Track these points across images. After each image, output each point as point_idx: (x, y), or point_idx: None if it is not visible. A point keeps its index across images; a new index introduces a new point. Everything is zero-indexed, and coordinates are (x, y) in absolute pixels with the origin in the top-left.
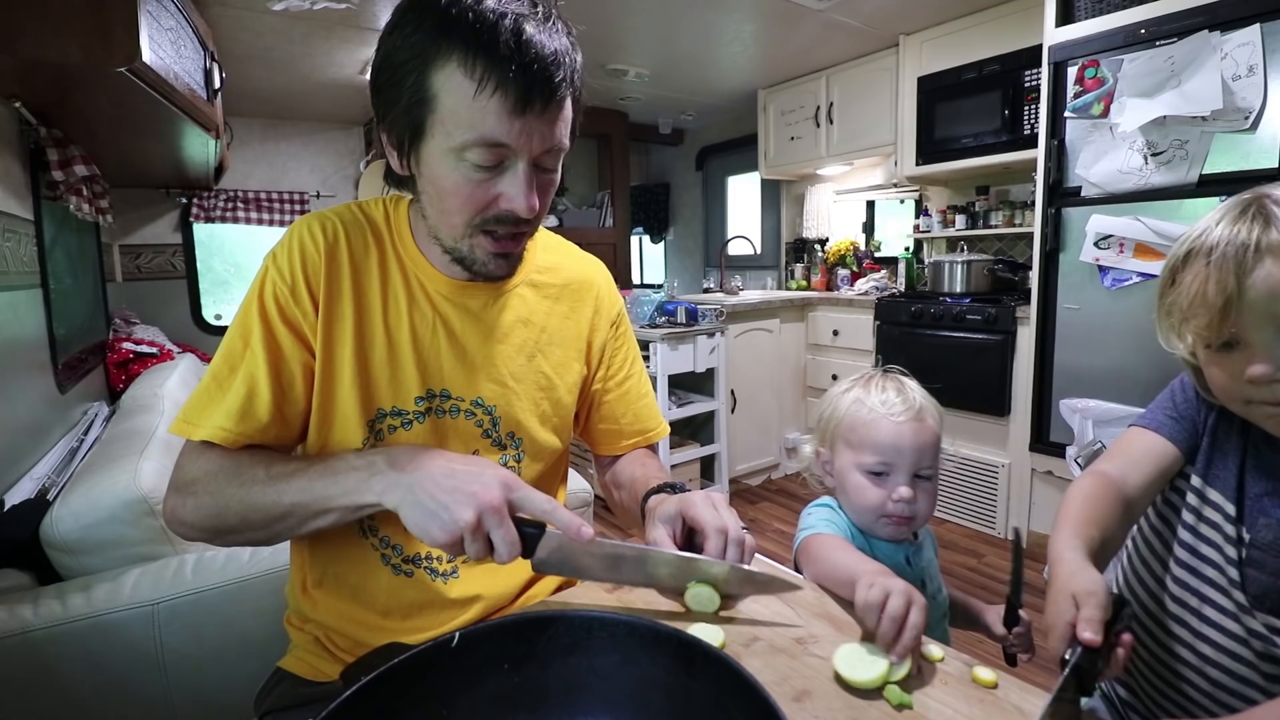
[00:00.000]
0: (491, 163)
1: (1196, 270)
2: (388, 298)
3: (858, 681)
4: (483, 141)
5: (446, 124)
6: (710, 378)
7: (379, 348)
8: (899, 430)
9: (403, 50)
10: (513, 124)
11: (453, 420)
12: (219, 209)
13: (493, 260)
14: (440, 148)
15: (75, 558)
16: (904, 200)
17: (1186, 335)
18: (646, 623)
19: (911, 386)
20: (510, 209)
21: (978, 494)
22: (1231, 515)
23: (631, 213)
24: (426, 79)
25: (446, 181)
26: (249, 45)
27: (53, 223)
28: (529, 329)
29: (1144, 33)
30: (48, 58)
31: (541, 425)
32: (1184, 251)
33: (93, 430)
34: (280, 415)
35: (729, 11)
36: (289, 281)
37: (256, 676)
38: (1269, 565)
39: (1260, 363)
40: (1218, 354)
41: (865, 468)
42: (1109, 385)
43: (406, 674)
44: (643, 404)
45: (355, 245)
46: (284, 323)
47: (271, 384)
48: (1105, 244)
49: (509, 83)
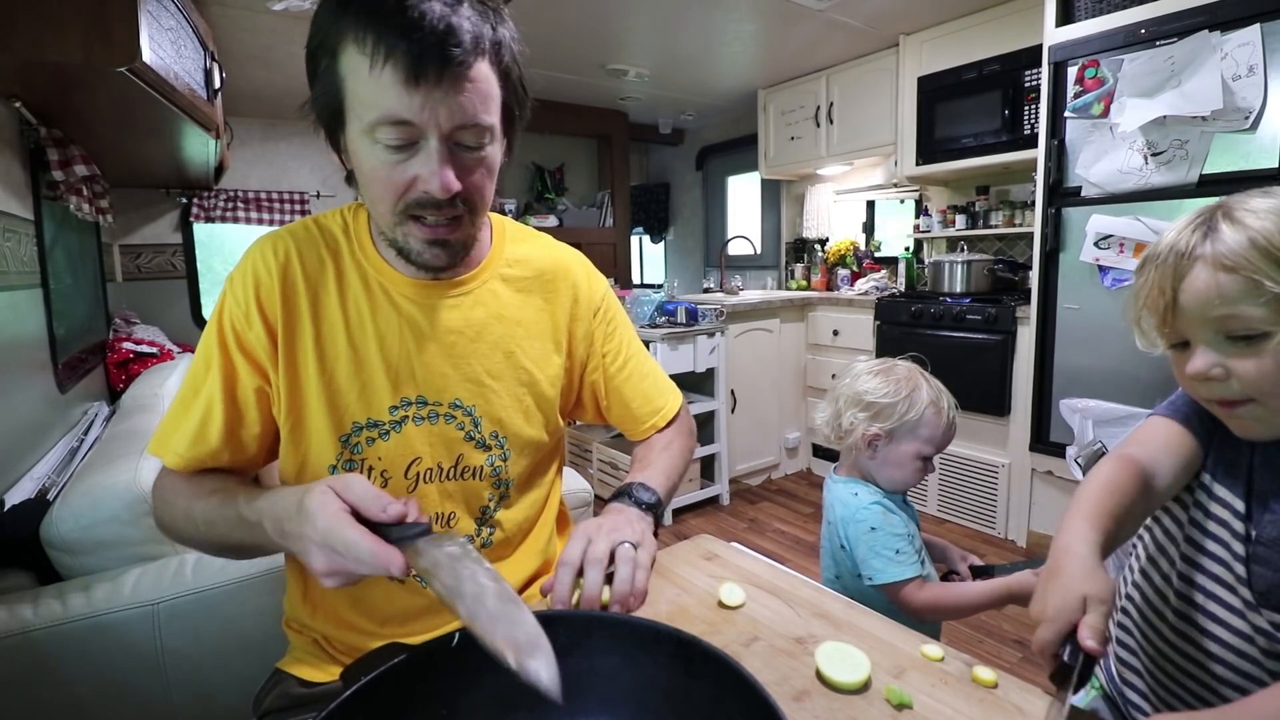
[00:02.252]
0: (400, 141)
1: (1148, 274)
2: (349, 310)
3: (840, 683)
4: (386, 119)
5: (355, 106)
6: (710, 378)
7: (344, 362)
8: (953, 430)
9: (314, 38)
10: (412, 97)
11: (431, 425)
12: (219, 209)
13: (427, 249)
14: (355, 132)
15: (75, 558)
16: (904, 200)
17: (1148, 334)
18: (646, 623)
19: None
20: (426, 190)
21: (978, 494)
22: (1240, 512)
23: (631, 213)
24: (336, 63)
25: (366, 166)
26: (249, 45)
27: (53, 223)
28: (503, 324)
29: (1144, 33)
30: (48, 57)
31: (526, 421)
32: (1143, 257)
33: (93, 430)
34: (234, 440)
35: (729, 11)
36: (243, 307)
37: (256, 677)
38: (1275, 561)
39: (1196, 359)
40: (1175, 352)
41: (922, 455)
42: (1109, 385)
43: (406, 674)
44: (649, 383)
45: (309, 263)
46: (239, 348)
47: (225, 409)
48: (1105, 244)
49: (399, 52)
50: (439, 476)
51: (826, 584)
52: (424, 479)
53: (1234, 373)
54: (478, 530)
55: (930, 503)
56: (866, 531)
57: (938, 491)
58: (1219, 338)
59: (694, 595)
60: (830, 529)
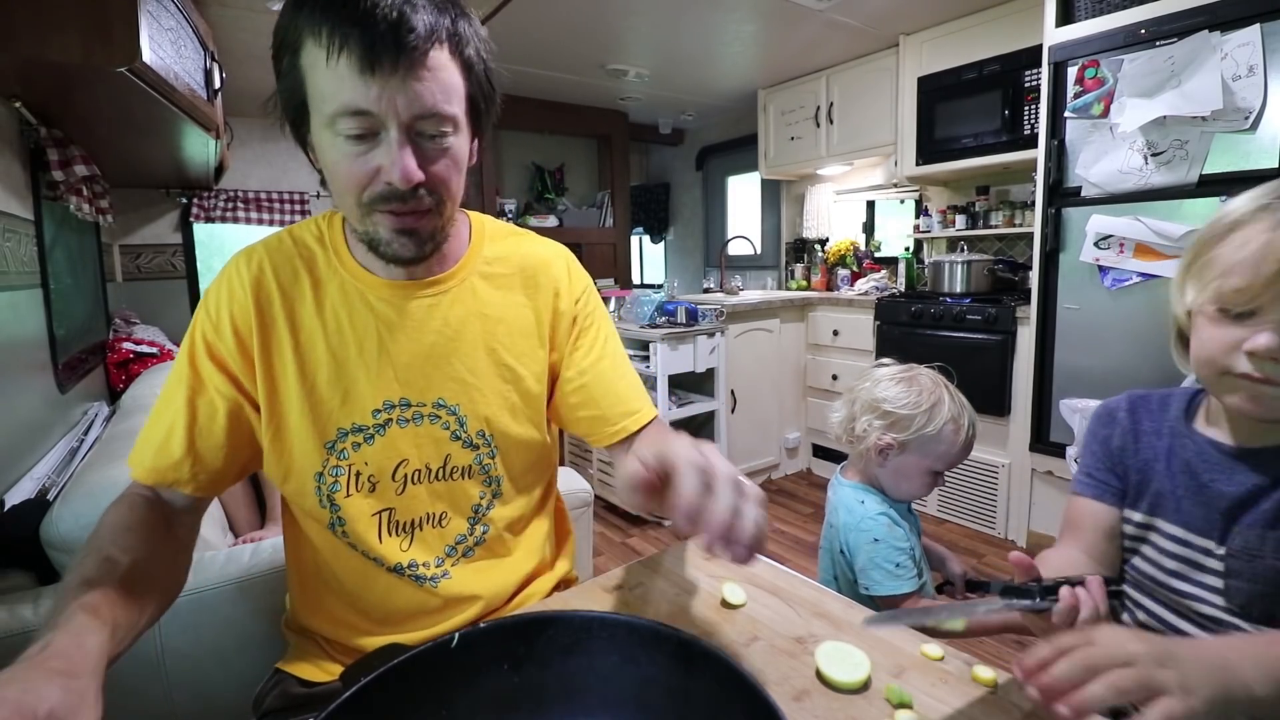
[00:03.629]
0: (360, 131)
1: (1261, 229)
2: (326, 318)
3: (840, 682)
4: (344, 109)
5: (315, 100)
6: (710, 378)
7: (324, 370)
8: (969, 449)
9: (277, 34)
10: (368, 86)
11: (416, 427)
12: (219, 209)
13: (396, 240)
14: (318, 126)
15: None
16: (904, 200)
17: (1209, 290)
18: (646, 623)
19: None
20: (389, 181)
21: (978, 494)
22: (1193, 542)
23: (631, 213)
24: (297, 59)
25: (329, 159)
26: (249, 45)
27: (53, 223)
28: (485, 322)
29: (1144, 33)
30: (48, 58)
31: (513, 419)
32: (1253, 207)
33: (93, 430)
34: (194, 451)
35: (729, 11)
36: (214, 320)
37: (256, 676)
38: (1246, 572)
39: (1268, 333)
40: (1229, 320)
41: (934, 470)
42: (1109, 385)
43: (406, 674)
44: (624, 384)
45: (282, 275)
46: (209, 358)
47: (187, 419)
48: (1105, 244)
49: (352, 41)
50: (427, 477)
51: (824, 584)
52: (412, 480)
53: None
54: (470, 529)
55: (930, 503)
56: (869, 542)
57: (938, 492)
58: None
59: (694, 595)
60: (832, 532)
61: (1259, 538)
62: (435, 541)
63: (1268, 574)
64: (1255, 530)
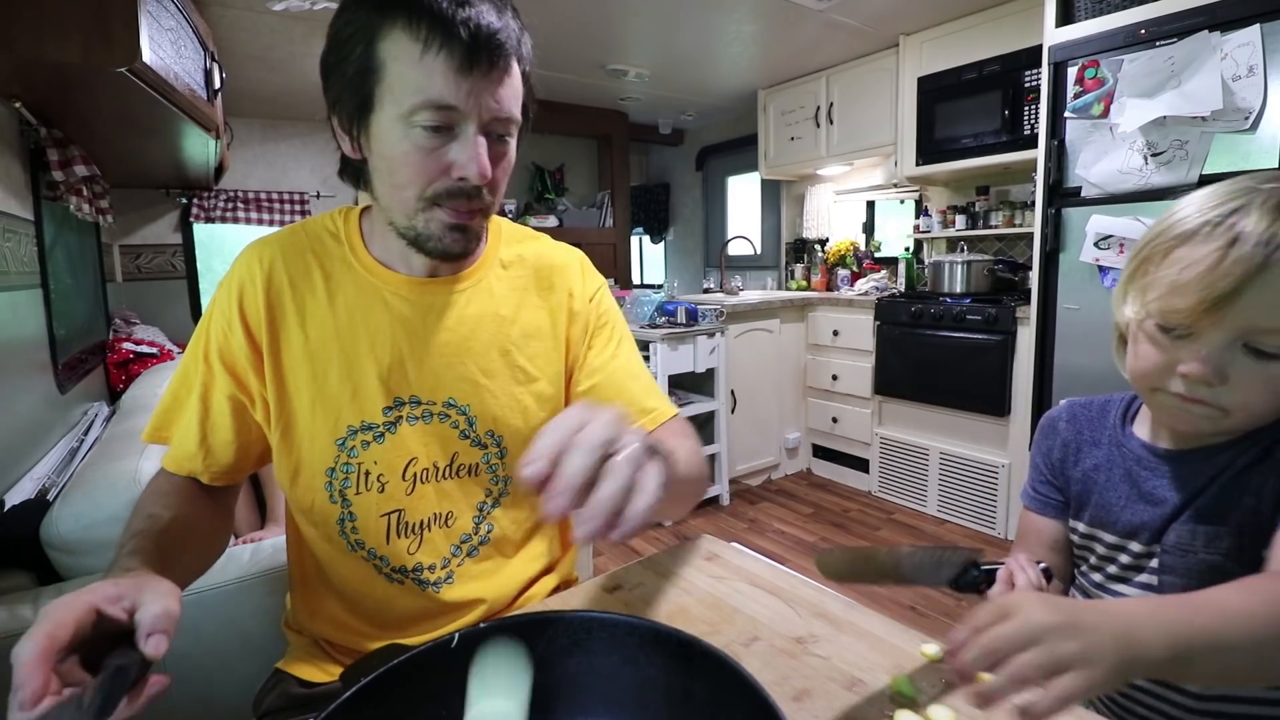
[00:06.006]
0: (440, 124)
1: (1206, 251)
2: (339, 313)
3: None
4: (431, 103)
5: (394, 90)
6: (710, 378)
7: (336, 366)
8: None
9: (349, 26)
10: (460, 84)
11: (426, 425)
12: (219, 209)
13: (448, 234)
14: (389, 117)
15: (75, 558)
16: (904, 200)
17: (1150, 307)
18: (646, 623)
19: None
20: (462, 176)
21: (978, 494)
22: (1131, 547)
23: (631, 213)
24: (373, 49)
25: (397, 150)
26: (249, 45)
27: (53, 223)
28: (499, 322)
29: (1144, 33)
30: (48, 58)
31: (524, 420)
32: (1200, 222)
33: (93, 430)
34: (205, 444)
35: (729, 12)
36: (226, 316)
37: (256, 677)
38: (1179, 568)
39: (1200, 360)
40: (1168, 339)
41: None
42: (1109, 385)
43: (406, 675)
44: (638, 384)
45: (294, 270)
46: (219, 357)
47: (199, 414)
48: (1105, 244)
49: (454, 41)
50: (435, 476)
51: None
52: (421, 479)
53: (1232, 383)
54: (475, 528)
55: (930, 503)
56: None
57: (938, 492)
58: (1236, 344)
59: (694, 595)
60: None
61: (1190, 533)
62: (442, 542)
63: (1199, 568)
64: (1188, 526)
